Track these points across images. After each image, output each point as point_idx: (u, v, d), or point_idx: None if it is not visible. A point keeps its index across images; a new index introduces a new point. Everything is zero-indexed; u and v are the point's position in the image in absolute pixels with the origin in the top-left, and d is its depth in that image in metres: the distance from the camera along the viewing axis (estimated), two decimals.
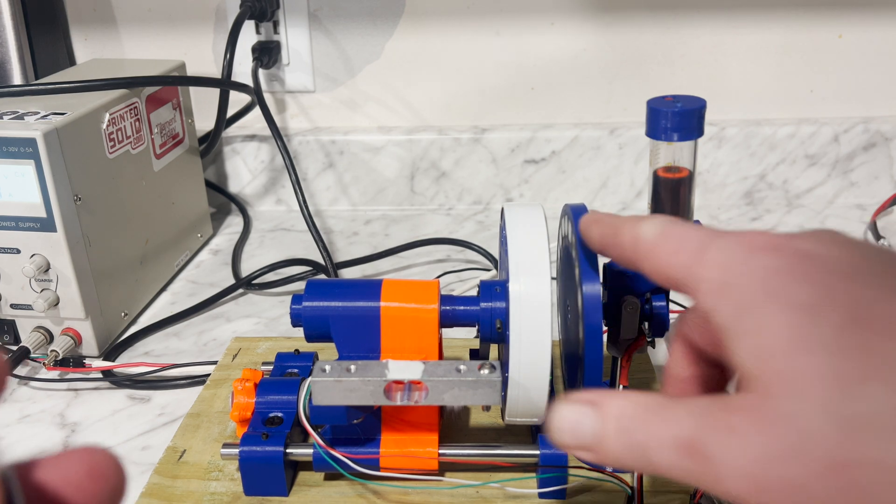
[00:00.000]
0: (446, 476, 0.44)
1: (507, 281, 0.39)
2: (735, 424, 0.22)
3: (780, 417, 0.21)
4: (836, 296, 0.22)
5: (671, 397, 0.25)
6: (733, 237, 0.25)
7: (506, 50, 0.83)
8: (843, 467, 0.20)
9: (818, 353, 0.21)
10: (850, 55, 0.81)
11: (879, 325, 0.21)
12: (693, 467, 0.23)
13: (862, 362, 0.21)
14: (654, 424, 0.24)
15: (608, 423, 0.25)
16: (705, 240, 0.26)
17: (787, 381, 0.21)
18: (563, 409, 0.26)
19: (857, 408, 0.20)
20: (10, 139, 0.52)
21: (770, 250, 0.24)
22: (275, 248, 0.78)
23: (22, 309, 0.58)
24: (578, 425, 0.26)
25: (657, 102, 0.38)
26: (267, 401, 0.45)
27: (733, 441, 0.22)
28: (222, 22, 0.83)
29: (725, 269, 0.24)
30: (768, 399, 0.22)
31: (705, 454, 0.23)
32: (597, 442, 0.25)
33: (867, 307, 0.21)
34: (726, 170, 0.84)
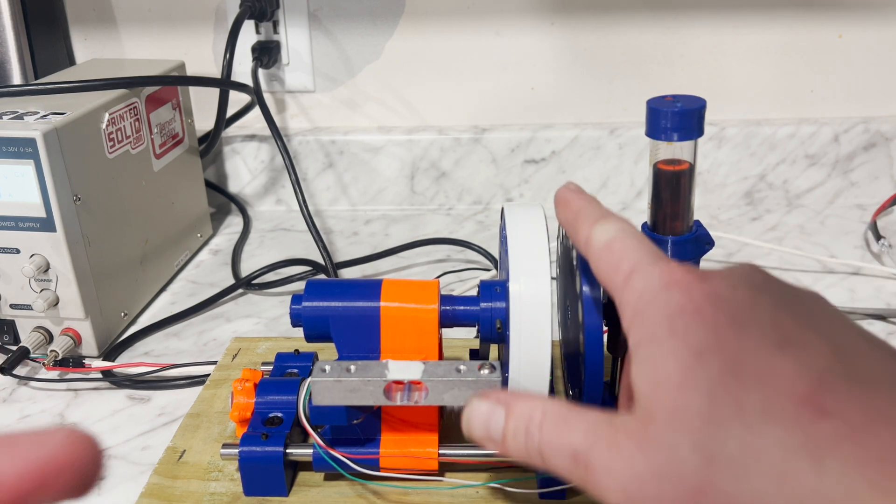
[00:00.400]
0: (446, 476, 0.44)
1: (507, 281, 0.39)
2: (619, 442, 0.25)
3: (658, 443, 0.24)
4: (723, 345, 0.25)
5: (573, 407, 0.28)
6: (657, 268, 0.28)
7: (506, 50, 0.82)
8: (701, 494, 0.23)
9: (698, 394, 0.24)
10: (850, 55, 0.81)
11: (751, 378, 0.24)
12: (581, 475, 0.26)
13: (730, 408, 0.23)
14: (553, 432, 0.28)
15: (513, 423, 0.29)
16: (637, 264, 0.29)
17: (669, 413, 0.24)
18: (479, 404, 0.30)
19: (720, 446, 0.23)
20: (10, 139, 0.52)
21: (681, 288, 0.27)
22: (275, 248, 0.78)
23: (21, 309, 0.58)
24: (489, 421, 0.30)
25: (657, 102, 0.38)
26: (267, 401, 0.45)
27: (615, 457, 0.25)
28: (222, 22, 0.83)
29: (640, 297, 0.28)
30: (651, 425, 0.25)
31: (591, 465, 0.26)
32: (501, 438, 0.29)
33: (744, 360, 0.24)
34: (726, 170, 0.84)
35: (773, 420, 0.23)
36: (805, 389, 0.23)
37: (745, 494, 0.22)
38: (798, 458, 0.22)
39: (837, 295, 0.66)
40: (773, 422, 0.23)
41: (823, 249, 0.74)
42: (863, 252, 0.73)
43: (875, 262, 0.71)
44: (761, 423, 0.23)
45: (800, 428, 0.22)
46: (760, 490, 0.22)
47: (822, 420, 0.22)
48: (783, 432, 0.22)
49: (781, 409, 0.23)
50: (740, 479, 0.22)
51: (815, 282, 0.68)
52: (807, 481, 0.22)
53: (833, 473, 0.21)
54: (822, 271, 0.70)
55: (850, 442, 0.22)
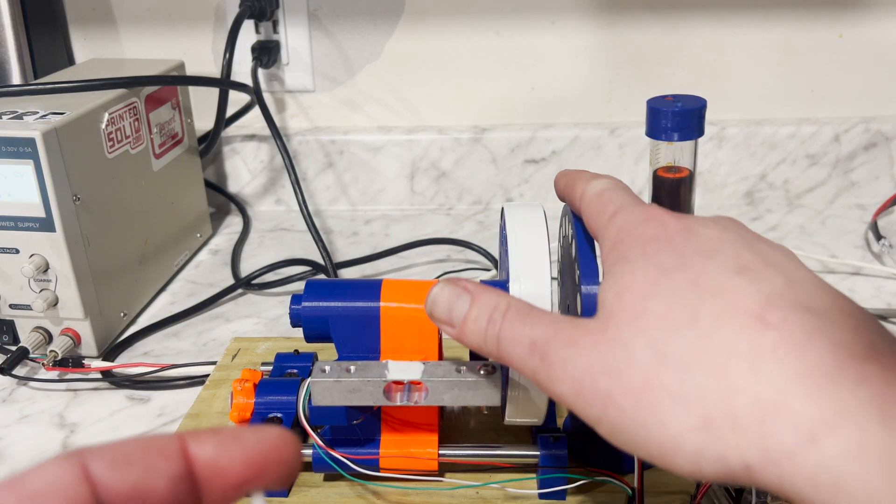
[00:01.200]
0: (446, 476, 0.44)
1: (507, 281, 0.39)
2: (577, 339, 0.27)
3: (615, 340, 0.26)
4: (688, 265, 0.27)
5: (536, 307, 0.30)
6: (638, 207, 0.31)
7: (506, 49, 0.82)
8: (648, 388, 0.25)
9: (659, 300, 0.26)
10: (850, 55, 0.81)
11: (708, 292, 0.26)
12: (535, 365, 0.28)
13: (685, 315, 0.25)
14: (515, 322, 0.29)
15: (477, 310, 0.30)
16: (621, 206, 0.31)
17: (629, 315, 0.27)
18: (446, 288, 0.32)
19: (672, 346, 0.25)
20: (10, 139, 0.52)
21: (658, 223, 0.29)
22: (274, 248, 0.78)
23: (21, 309, 0.58)
24: (452, 304, 0.31)
25: (657, 102, 0.38)
26: (266, 401, 0.45)
27: (571, 351, 0.27)
28: (222, 21, 0.83)
29: (621, 230, 0.30)
30: (610, 325, 0.27)
31: (547, 356, 0.27)
32: (462, 322, 0.31)
33: (705, 278, 0.26)
34: (727, 170, 0.84)
35: (722, 327, 0.25)
36: (755, 305, 0.25)
37: (686, 390, 0.24)
38: (739, 361, 0.24)
39: None
40: (722, 329, 0.25)
41: (824, 249, 0.74)
42: (863, 252, 0.73)
43: (875, 262, 0.71)
44: (712, 329, 0.25)
45: (745, 336, 0.24)
46: (700, 386, 0.24)
47: (766, 331, 0.24)
48: (730, 338, 0.24)
49: (731, 318, 0.25)
50: (684, 377, 0.24)
51: None
52: (743, 382, 0.23)
53: (768, 378, 0.23)
54: (823, 271, 0.70)
55: (787, 353, 0.23)
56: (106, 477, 0.18)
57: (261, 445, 0.20)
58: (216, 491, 0.19)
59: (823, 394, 0.22)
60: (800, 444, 0.22)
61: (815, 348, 0.23)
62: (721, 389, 0.24)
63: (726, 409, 0.23)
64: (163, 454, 0.19)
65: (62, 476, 0.17)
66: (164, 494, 0.18)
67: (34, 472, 0.17)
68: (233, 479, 0.19)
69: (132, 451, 0.18)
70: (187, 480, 0.19)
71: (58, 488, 0.17)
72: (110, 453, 0.18)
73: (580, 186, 0.35)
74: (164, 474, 0.18)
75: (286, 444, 0.20)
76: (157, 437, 0.19)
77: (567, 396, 0.27)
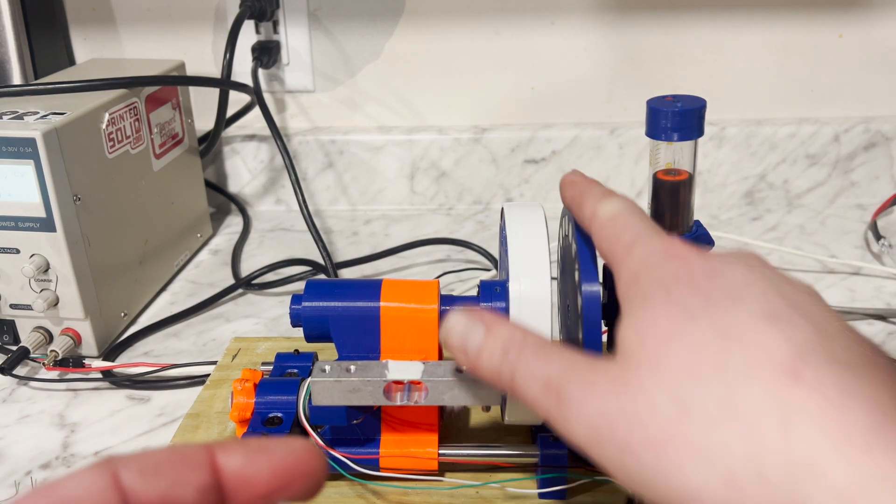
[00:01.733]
0: (446, 476, 0.44)
1: (507, 281, 0.39)
2: (595, 381, 0.26)
3: (634, 387, 0.25)
4: (714, 309, 0.26)
5: (557, 343, 0.29)
6: (659, 240, 0.29)
7: (506, 49, 0.82)
8: (669, 443, 0.24)
9: (682, 348, 0.25)
10: (850, 55, 0.81)
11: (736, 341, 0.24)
12: (549, 404, 0.27)
13: (712, 365, 0.24)
14: (531, 358, 0.28)
15: (492, 341, 0.30)
16: (639, 236, 0.30)
17: (651, 361, 0.25)
18: (462, 317, 0.31)
19: (696, 398, 0.24)
20: (10, 139, 0.52)
21: (681, 259, 0.28)
22: (274, 248, 0.78)
23: (21, 309, 0.58)
24: (469, 332, 0.30)
25: (657, 102, 0.38)
26: (266, 401, 0.45)
27: (588, 393, 0.26)
28: (222, 22, 0.83)
29: (641, 265, 0.29)
30: (631, 370, 0.26)
31: (563, 396, 0.26)
32: (476, 352, 0.30)
33: (732, 325, 0.25)
34: (727, 170, 0.84)
35: (751, 381, 0.23)
36: (786, 358, 0.23)
37: (710, 445, 0.23)
38: (769, 417, 0.22)
39: (837, 295, 0.66)
40: (751, 382, 0.23)
41: (824, 249, 0.74)
42: (863, 252, 0.73)
43: (875, 262, 0.71)
44: (739, 381, 0.23)
45: (776, 391, 0.23)
46: (726, 443, 0.23)
47: (798, 387, 0.23)
48: (759, 393, 0.23)
49: (761, 371, 0.23)
50: (709, 431, 0.23)
51: (816, 282, 0.68)
52: (772, 439, 0.22)
53: (799, 436, 0.22)
54: (823, 271, 0.70)
55: (820, 410, 0.22)
56: (136, 485, 0.18)
57: (287, 457, 0.20)
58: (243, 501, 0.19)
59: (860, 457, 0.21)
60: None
61: (850, 407, 0.22)
62: (749, 447, 0.22)
63: (754, 468, 0.22)
64: (191, 464, 0.19)
65: (94, 484, 0.18)
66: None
67: (67, 480, 0.18)
68: (259, 490, 0.19)
69: (162, 460, 0.19)
70: (215, 490, 0.19)
71: (89, 495, 0.17)
72: (140, 462, 0.18)
73: (589, 205, 0.33)
74: (192, 484, 0.19)
75: (312, 456, 0.20)
76: (186, 446, 0.20)
77: (582, 440, 0.26)
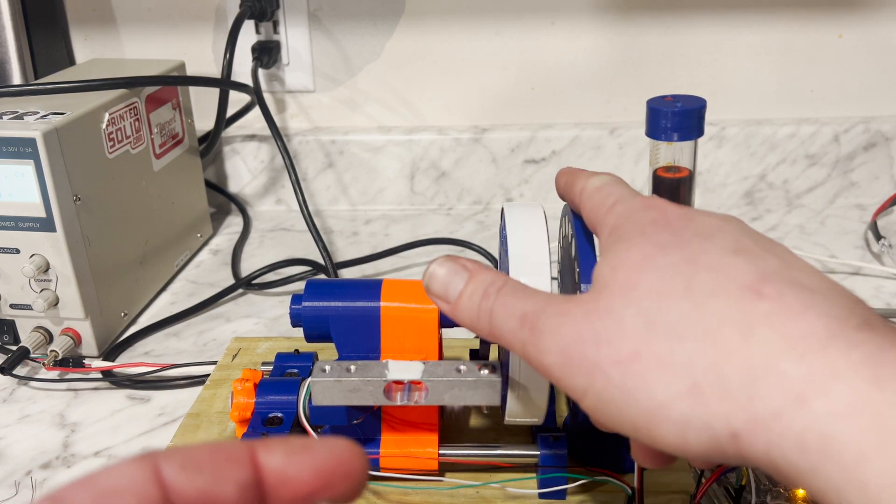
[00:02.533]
0: (446, 476, 0.44)
1: None
2: (568, 309, 0.27)
3: (606, 310, 0.26)
4: (685, 243, 0.27)
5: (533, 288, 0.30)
6: (639, 197, 0.31)
7: (506, 49, 0.82)
8: (635, 356, 0.25)
9: (652, 273, 0.26)
10: (850, 55, 0.81)
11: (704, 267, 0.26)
12: (525, 337, 0.28)
13: (679, 286, 0.25)
14: (509, 297, 0.29)
15: (473, 286, 0.30)
16: (620, 197, 0.31)
17: (622, 287, 0.26)
18: (444, 264, 0.32)
19: (663, 315, 0.25)
20: (10, 139, 0.52)
21: (658, 209, 0.29)
22: (275, 248, 0.78)
23: (21, 309, 0.58)
24: (450, 280, 0.31)
25: (657, 102, 0.38)
26: (266, 401, 0.45)
27: (562, 320, 0.27)
28: (222, 22, 0.83)
29: (620, 216, 0.30)
30: (603, 296, 0.27)
31: (538, 327, 0.27)
32: (456, 297, 0.31)
33: (702, 254, 0.26)
34: (727, 170, 0.84)
35: (716, 297, 0.25)
36: (750, 279, 0.25)
37: (675, 357, 0.24)
38: (731, 327, 0.24)
39: None
40: (715, 298, 0.25)
41: (823, 249, 0.74)
42: (863, 252, 0.73)
43: (875, 262, 0.71)
44: (704, 298, 0.25)
45: (739, 305, 0.24)
46: (690, 353, 0.24)
47: (760, 301, 0.24)
48: (723, 307, 0.24)
49: (725, 290, 0.25)
50: (673, 344, 0.24)
51: None
52: (733, 346, 0.23)
53: (758, 342, 0.23)
54: (823, 271, 0.70)
55: (780, 320, 0.23)
56: (177, 480, 0.18)
57: (330, 457, 0.20)
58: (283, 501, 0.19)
59: (815, 357, 0.22)
60: (788, 405, 0.22)
61: (808, 317, 0.23)
62: (710, 356, 0.23)
63: (715, 375, 0.23)
64: (232, 461, 0.19)
65: (135, 476, 0.18)
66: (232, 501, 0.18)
67: (107, 472, 0.18)
68: (300, 490, 0.19)
69: (203, 456, 0.19)
70: (255, 488, 0.19)
71: (130, 488, 0.17)
72: (181, 457, 0.18)
73: (580, 183, 0.35)
74: (232, 481, 0.18)
75: (355, 457, 0.20)
76: (228, 443, 0.19)
77: (554, 367, 0.27)
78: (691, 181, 0.40)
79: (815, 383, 0.21)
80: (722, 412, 0.23)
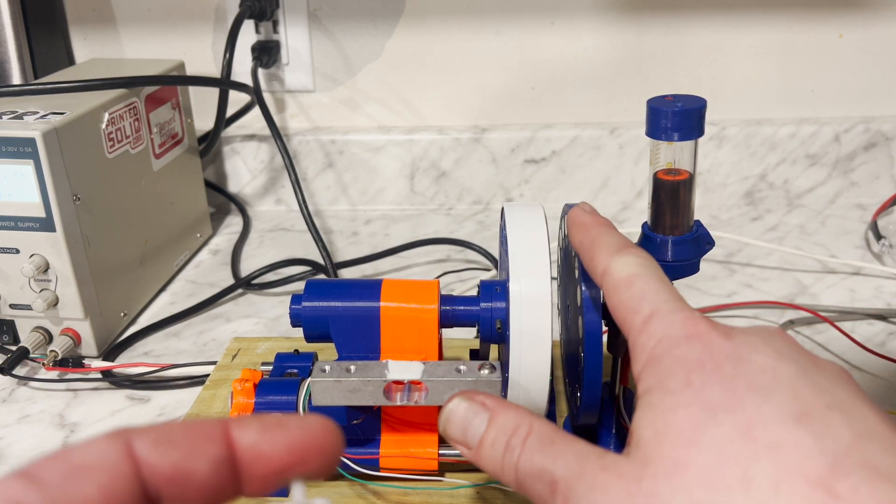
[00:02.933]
0: (446, 476, 0.44)
1: (507, 281, 0.39)
2: (607, 483, 0.24)
3: (650, 494, 0.23)
4: (738, 404, 0.23)
5: (563, 432, 0.26)
6: (679, 316, 0.27)
7: (506, 49, 0.82)
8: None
9: (704, 452, 0.23)
10: (850, 55, 0.81)
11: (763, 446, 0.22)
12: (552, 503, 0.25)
13: (736, 473, 0.22)
14: (536, 452, 0.26)
15: (495, 432, 0.27)
16: (658, 308, 0.27)
17: (669, 466, 0.23)
18: (461, 404, 0.29)
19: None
20: (10, 139, 0.52)
21: (703, 343, 0.25)
22: (274, 248, 0.78)
23: (21, 309, 0.58)
24: (469, 423, 0.28)
25: (657, 102, 0.38)
26: (266, 401, 0.45)
27: (599, 498, 0.24)
28: (222, 21, 0.83)
29: (659, 344, 0.26)
30: (647, 474, 0.23)
31: (568, 498, 0.24)
32: (477, 444, 0.28)
33: (759, 426, 0.23)
34: (727, 169, 0.84)
35: (780, 494, 0.21)
36: (819, 470, 0.21)
37: None
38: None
39: (837, 295, 0.66)
40: (780, 497, 0.21)
41: (824, 249, 0.74)
42: (863, 252, 0.73)
43: (875, 262, 0.71)
44: (767, 495, 0.21)
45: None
46: None
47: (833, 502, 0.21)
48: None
49: (791, 485, 0.21)
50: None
51: (816, 282, 0.68)
52: None
53: None
54: (823, 271, 0.70)
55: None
56: (149, 456, 0.18)
57: (303, 434, 0.20)
58: (257, 477, 0.19)
59: None
60: None
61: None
62: None
63: None
64: (206, 437, 0.19)
65: (107, 452, 0.18)
66: (205, 477, 0.18)
67: (81, 447, 0.18)
68: (274, 466, 0.19)
69: (176, 432, 0.19)
70: (229, 465, 0.19)
71: (103, 463, 0.17)
72: (155, 433, 0.18)
73: (602, 260, 0.30)
74: (206, 457, 0.18)
75: (329, 433, 0.20)
76: (201, 420, 0.19)
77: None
78: (692, 183, 0.40)
79: None
80: None
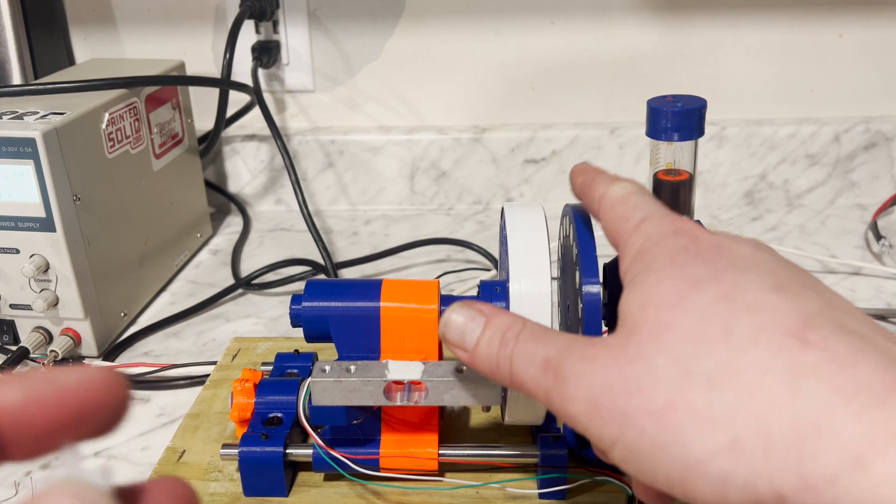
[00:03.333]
0: (446, 476, 0.44)
1: (507, 281, 0.39)
2: (594, 354, 0.25)
3: (636, 355, 0.24)
4: (720, 277, 0.25)
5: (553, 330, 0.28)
6: (668, 218, 0.29)
7: (506, 49, 0.82)
8: (667, 408, 0.23)
9: (687, 314, 0.24)
10: (850, 55, 0.81)
11: (743, 308, 0.24)
12: (548, 384, 0.26)
13: (717, 330, 0.23)
14: (529, 342, 0.27)
15: (490, 332, 0.29)
16: (648, 215, 0.29)
17: (653, 329, 0.24)
18: (460, 310, 0.30)
19: (700, 363, 0.23)
20: (10, 139, 0.52)
21: (689, 236, 0.27)
22: (274, 248, 0.78)
23: (21, 309, 0.58)
24: (466, 326, 0.30)
25: (657, 102, 0.38)
26: (266, 401, 0.45)
27: (588, 367, 0.25)
28: (222, 21, 0.83)
29: (648, 240, 0.28)
30: (633, 339, 0.25)
31: (561, 373, 0.26)
32: (474, 344, 0.29)
33: (739, 293, 0.24)
34: (727, 170, 0.84)
35: (757, 344, 0.23)
36: (793, 324, 0.23)
37: (713, 410, 0.22)
38: (776, 379, 0.22)
39: None
40: (757, 346, 0.23)
41: (824, 249, 0.74)
42: (863, 252, 0.73)
43: (875, 262, 0.71)
44: (745, 345, 0.23)
45: (784, 354, 0.22)
46: (730, 405, 0.22)
47: (806, 350, 0.22)
48: (766, 356, 0.22)
49: (768, 336, 0.23)
50: (712, 395, 0.22)
51: None
52: (778, 400, 0.21)
53: (807, 396, 0.21)
54: (823, 271, 0.70)
55: (829, 370, 0.21)
56: None
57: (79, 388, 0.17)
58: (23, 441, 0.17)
59: (872, 414, 0.20)
60: (845, 469, 0.20)
61: (861, 368, 0.21)
62: (753, 409, 0.22)
63: (758, 430, 0.21)
64: None
65: None
66: None
67: None
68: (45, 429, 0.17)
69: None
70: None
71: None
72: None
73: (600, 187, 0.32)
74: None
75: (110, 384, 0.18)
76: None
77: (581, 416, 0.25)
78: (692, 183, 0.40)
79: (875, 444, 0.20)
80: (766, 472, 0.21)
